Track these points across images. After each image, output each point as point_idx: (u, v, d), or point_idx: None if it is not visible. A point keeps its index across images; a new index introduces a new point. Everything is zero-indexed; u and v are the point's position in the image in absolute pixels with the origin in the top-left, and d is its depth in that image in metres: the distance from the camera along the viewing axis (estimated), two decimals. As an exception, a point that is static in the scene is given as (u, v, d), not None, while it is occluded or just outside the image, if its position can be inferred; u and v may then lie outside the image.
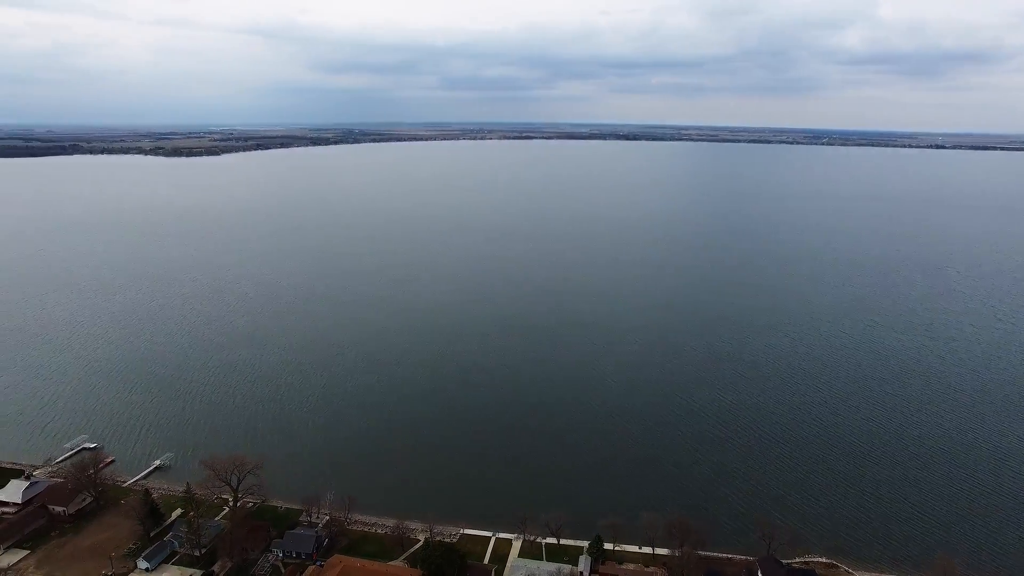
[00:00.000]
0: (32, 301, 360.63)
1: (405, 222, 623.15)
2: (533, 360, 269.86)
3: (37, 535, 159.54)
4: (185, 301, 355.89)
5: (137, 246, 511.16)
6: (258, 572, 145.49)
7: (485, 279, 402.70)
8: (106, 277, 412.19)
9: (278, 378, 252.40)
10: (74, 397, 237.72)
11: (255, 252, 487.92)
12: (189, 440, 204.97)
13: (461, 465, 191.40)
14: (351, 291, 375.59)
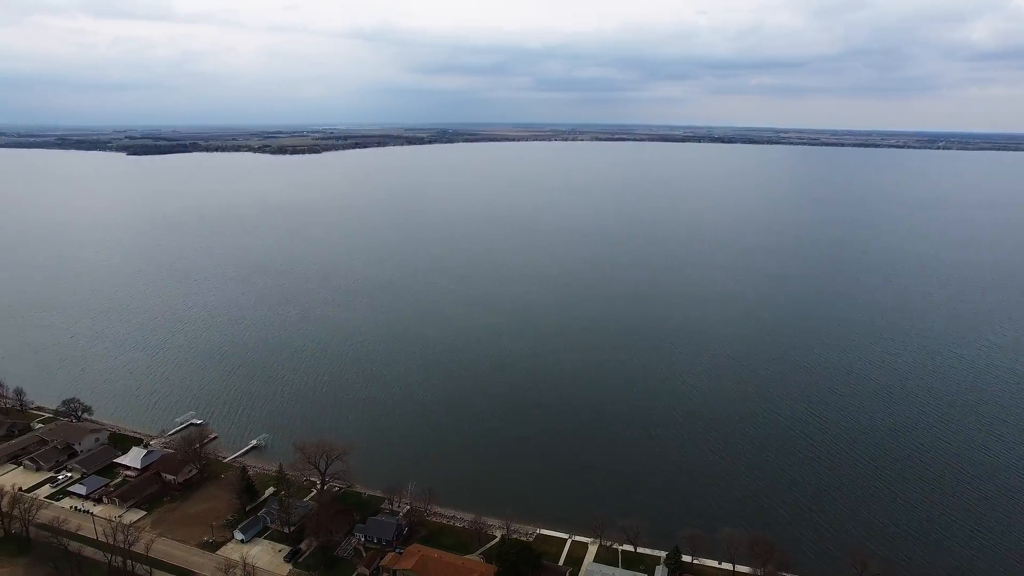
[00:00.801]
0: (152, 288, 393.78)
1: (498, 222, 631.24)
2: (617, 363, 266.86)
3: (152, 499, 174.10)
4: (285, 292, 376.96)
5: (243, 238, 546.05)
6: (341, 553, 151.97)
7: (574, 281, 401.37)
8: (215, 267, 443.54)
9: (367, 369, 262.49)
10: (184, 376, 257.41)
11: (351, 247, 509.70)
12: (283, 423, 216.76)
13: (540, 465, 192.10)
14: (442, 289, 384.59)
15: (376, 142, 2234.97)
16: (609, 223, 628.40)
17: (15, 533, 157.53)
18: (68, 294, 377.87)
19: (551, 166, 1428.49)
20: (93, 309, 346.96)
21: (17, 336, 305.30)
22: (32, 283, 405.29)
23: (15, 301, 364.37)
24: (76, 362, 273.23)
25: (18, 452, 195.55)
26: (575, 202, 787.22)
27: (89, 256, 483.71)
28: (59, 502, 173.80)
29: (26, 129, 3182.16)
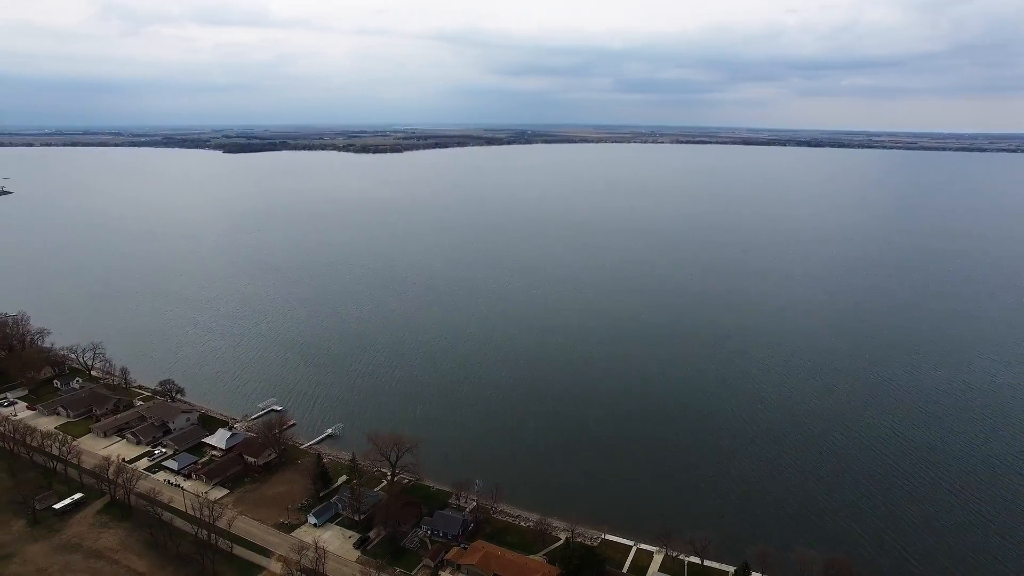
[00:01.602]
0: (241, 279, 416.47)
1: (576, 224, 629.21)
2: (691, 372, 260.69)
3: (235, 478, 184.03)
4: (364, 286, 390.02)
5: (326, 233, 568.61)
6: (408, 544, 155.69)
7: (652, 286, 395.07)
8: (300, 261, 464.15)
9: (440, 365, 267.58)
10: (267, 364, 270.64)
11: (429, 244, 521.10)
12: (358, 414, 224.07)
13: (608, 469, 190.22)
14: (517, 288, 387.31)
15: (456, 142, 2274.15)
16: (688, 228, 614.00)
17: (119, 499, 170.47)
18: (168, 282, 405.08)
19: (630, 169, 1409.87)
20: (188, 297, 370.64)
21: (124, 320, 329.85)
22: (138, 271, 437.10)
23: (124, 287, 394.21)
24: (172, 346, 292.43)
25: (122, 426, 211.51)
26: (653, 205, 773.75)
27: (186, 247, 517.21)
28: (155, 475, 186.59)
29: (138, 129, 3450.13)
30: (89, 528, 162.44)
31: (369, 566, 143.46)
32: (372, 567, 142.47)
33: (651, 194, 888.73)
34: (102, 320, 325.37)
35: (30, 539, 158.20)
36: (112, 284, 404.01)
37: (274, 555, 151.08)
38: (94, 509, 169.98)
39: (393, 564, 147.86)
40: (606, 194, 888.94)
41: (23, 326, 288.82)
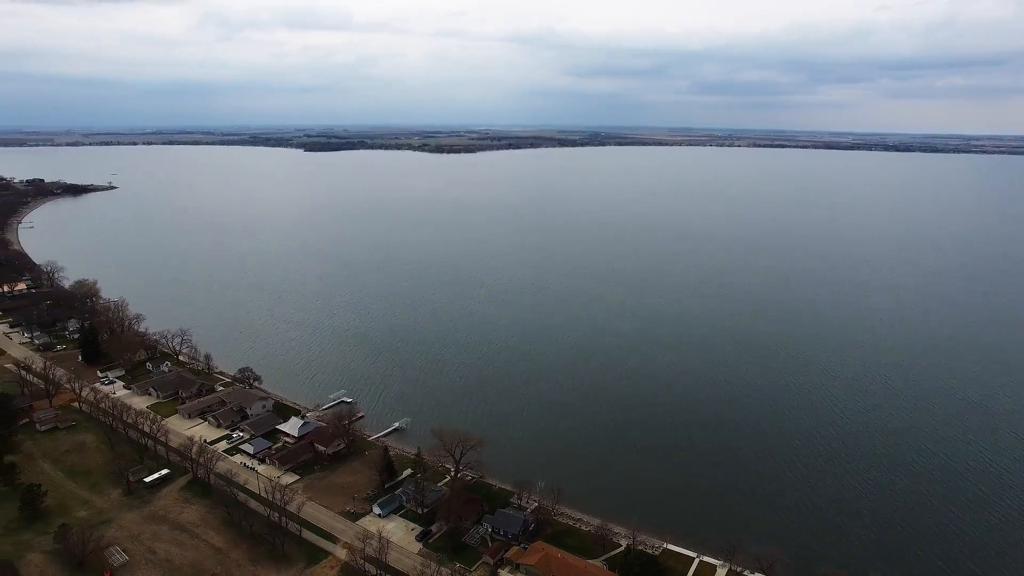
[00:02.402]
0: (318, 272, 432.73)
1: (649, 227, 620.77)
2: (763, 381, 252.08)
3: (306, 465, 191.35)
4: (435, 284, 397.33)
5: (400, 231, 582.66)
6: (468, 540, 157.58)
7: (723, 292, 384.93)
8: (373, 258, 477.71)
9: (507, 364, 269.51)
10: (339, 357, 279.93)
11: (499, 244, 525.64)
12: (424, 409, 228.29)
13: (673, 477, 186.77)
14: (586, 291, 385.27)
15: (529, 143, 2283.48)
16: (762, 233, 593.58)
17: (200, 478, 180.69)
18: (249, 274, 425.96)
19: (706, 172, 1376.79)
20: (268, 289, 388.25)
21: (210, 308, 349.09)
22: (223, 262, 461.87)
23: (210, 277, 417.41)
24: (251, 335, 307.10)
25: (204, 409, 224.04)
26: (727, 211, 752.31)
27: (267, 241, 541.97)
28: (232, 457, 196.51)
29: (228, 129, 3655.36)
30: (174, 502, 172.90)
31: (430, 559, 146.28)
32: (433, 560, 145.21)
33: (727, 199, 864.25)
34: (190, 308, 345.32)
35: (125, 507, 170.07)
36: (200, 274, 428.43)
37: (340, 541, 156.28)
38: (178, 485, 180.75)
39: (453, 559, 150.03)
40: (680, 198, 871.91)
41: (123, 311, 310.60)
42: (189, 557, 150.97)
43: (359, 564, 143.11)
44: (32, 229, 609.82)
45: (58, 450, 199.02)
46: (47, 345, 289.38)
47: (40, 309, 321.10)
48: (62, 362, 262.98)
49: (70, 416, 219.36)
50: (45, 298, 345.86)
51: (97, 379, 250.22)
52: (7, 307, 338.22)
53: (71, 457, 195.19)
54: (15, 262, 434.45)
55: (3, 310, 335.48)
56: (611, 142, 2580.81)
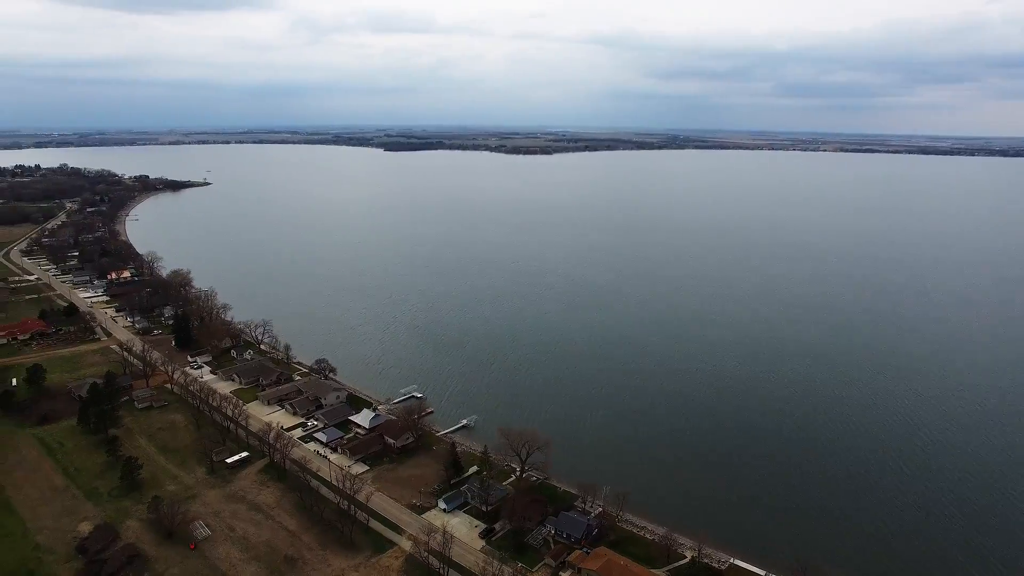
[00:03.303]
0: (394, 269, 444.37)
1: (725, 232, 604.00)
2: (850, 397, 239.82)
3: (375, 457, 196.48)
4: (507, 284, 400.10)
5: (475, 230, 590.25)
6: (531, 541, 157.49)
7: (802, 301, 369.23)
8: (447, 256, 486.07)
9: (576, 366, 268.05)
10: (411, 352, 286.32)
11: (573, 246, 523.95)
12: (492, 407, 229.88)
13: (743, 490, 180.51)
14: (660, 296, 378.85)
15: (605, 146, 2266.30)
16: (843, 240, 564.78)
17: (276, 462, 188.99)
18: (327, 268, 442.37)
19: (786, 177, 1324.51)
20: (345, 284, 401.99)
21: (290, 301, 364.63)
22: (303, 256, 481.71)
23: (291, 270, 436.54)
24: (328, 328, 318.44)
25: (282, 397, 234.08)
26: (808, 216, 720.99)
27: (344, 237, 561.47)
28: (307, 444, 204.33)
29: (313, 128, 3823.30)
30: (252, 484, 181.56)
31: (492, 557, 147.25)
32: (495, 558, 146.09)
33: (809, 204, 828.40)
34: (272, 299, 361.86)
35: (208, 485, 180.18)
36: (283, 267, 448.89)
37: (405, 533, 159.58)
38: (256, 468, 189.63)
39: (516, 558, 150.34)
40: (761, 203, 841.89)
41: (212, 300, 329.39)
42: (264, 537, 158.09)
43: (423, 557, 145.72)
44: (137, 222, 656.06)
45: (152, 427, 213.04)
46: (146, 329, 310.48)
47: (141, 296, 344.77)
48: (158, 346, 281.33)
49: (163, 396, 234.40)
50: (145, 286, 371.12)
51: (187, 363, 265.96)
52: (114, 293, 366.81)
53: (163, 434, 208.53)
54: (122, 252, 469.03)
55: (111, 296, 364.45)
56: (690, 145, 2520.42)
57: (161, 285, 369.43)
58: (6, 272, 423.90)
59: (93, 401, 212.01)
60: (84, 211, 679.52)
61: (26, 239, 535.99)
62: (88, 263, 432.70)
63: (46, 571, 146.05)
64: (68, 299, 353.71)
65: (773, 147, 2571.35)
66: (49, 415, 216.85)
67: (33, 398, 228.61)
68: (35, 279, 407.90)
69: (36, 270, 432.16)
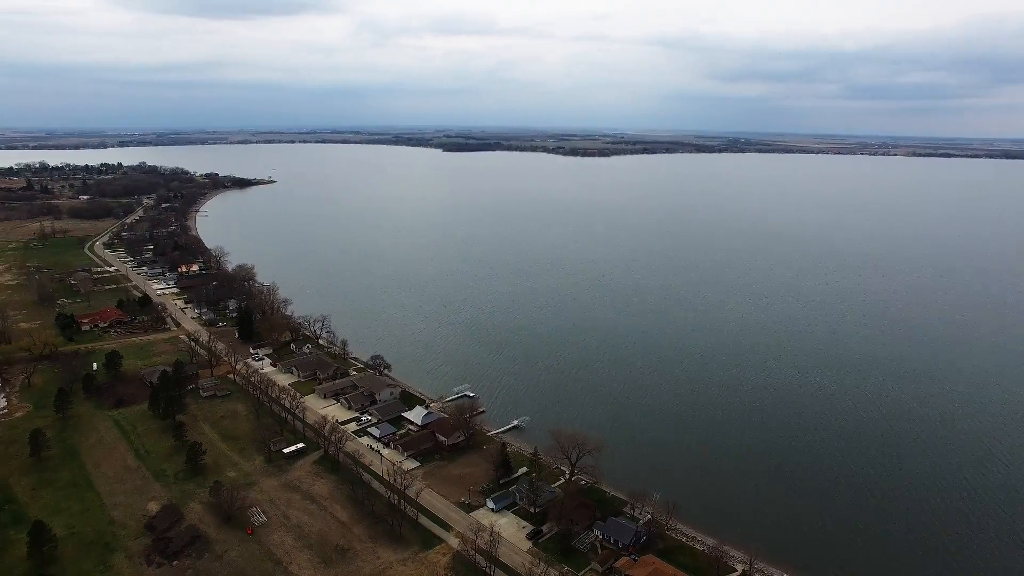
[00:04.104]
0: (449, 268, 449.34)
1: (788, 239, 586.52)
2: (920, 412, 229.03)
3: (427, 454, 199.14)
4: (564, 287, 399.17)
5: (530, 231, 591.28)
6: (578, 545, 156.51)
7: (869, 310, 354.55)
8: (502, 256, 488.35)
9: (629, 371, 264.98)
10: (464, 351, 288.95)
11: (628, 249, 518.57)
12: (543, 409, 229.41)
13: (799, 505, 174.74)
14: (716, 303, 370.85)
15: (664, 148, 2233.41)
16: (915, 250, 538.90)
17: (331, 454, 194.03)
18: (384, 266, 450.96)
19: (854, 182, 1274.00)
20: (401, 281, 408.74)
21: (348, 297, 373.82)
22: (361, 253, 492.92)
23: (350, 267, 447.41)
24: (383, 324, 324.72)
25: (338, 391, 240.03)
26: (875, 223, 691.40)
27: (402, 235, 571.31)
28: (360, 439, 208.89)
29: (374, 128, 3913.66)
30: (307, 474, 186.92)
31: (539, 559, 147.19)
32: (542, 560, 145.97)
33: (877, 211, 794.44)
34: (331, 295, 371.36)
35: (266, 473, 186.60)
36: (341, 264, 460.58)
37: (453, 530, 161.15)
38: (311, 459, 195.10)
39: (562, 561, 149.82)
40: (824, 208, 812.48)
41: (273, 295, 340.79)
42: (317, 526, 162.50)
43: (470, 555, 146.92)
44: (206, 217, 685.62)
45: (215, 415, 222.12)
46: (212, 321, 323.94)
47: (208, 289, 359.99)
48: (222, 337, 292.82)
49: (226, 386, 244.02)
50: (212, 279, 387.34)
51: (249, 355, 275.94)
52: (183, 285, 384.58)
53: (225, 422, 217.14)
54: (192, 246, 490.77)
55: (180, 288, 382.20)
56: (751, 149, 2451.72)
57: (227, 279, 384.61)
58: (90, 263, 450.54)
59: (163, 388, 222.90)
60: (159, 207, 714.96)
61: (108, 232, 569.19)
62: (161, 256, 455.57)
63: (119, 545, 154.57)
64: (143, 290, 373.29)
65: (839, 151, 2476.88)
66: (124, 399, 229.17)
67: (110, 382, 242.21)
68: (114, 270, 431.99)
69: (116, 262, 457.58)
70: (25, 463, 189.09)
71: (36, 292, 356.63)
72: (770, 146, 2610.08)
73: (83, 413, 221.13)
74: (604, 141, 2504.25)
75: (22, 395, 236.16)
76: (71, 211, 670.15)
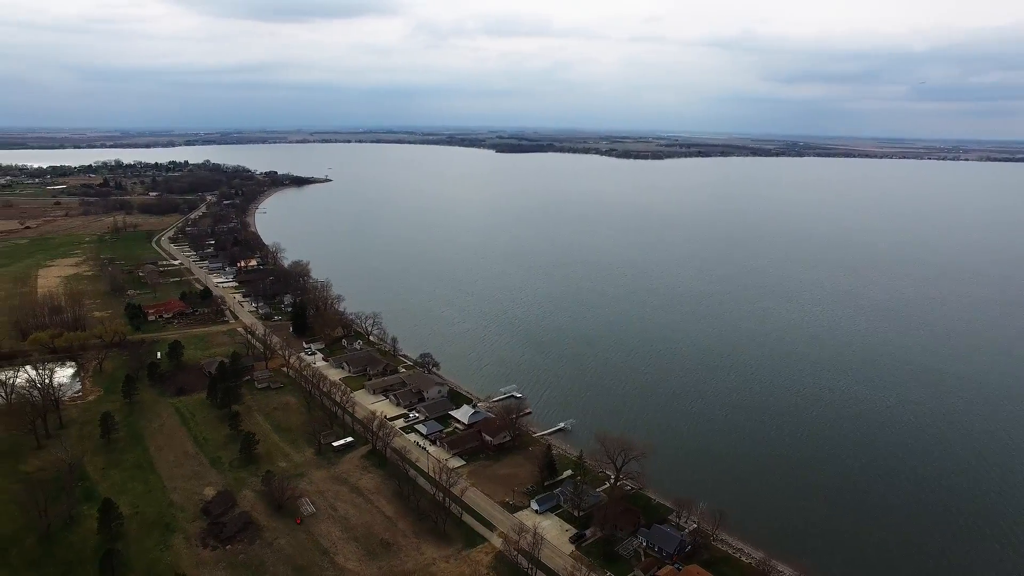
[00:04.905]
0: (497, 269, 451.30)
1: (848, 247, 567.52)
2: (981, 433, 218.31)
3: (472, 453, 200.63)
4: (610, 289, 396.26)
5: (580, 233, 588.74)
6: (621, 551, 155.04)
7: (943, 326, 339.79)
8: (551, 258, 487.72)
9: (678, 375, 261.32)
10: (512, 352, 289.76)
11: (676, 252, 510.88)
12: (590, 413, 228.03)
13: (852, 519, 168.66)
14: (767, 311, 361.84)
15: (719, 151, 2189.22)
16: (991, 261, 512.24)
17: (378, 449, 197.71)
18: (436, 265, 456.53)
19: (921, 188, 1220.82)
20: (452, 281, 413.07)
21: (399, 295, 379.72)
22: (412, 252, 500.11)
23: (401, 266, 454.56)
24: (433, 323, 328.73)
25: (387, 387, 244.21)
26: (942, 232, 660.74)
27: (453, 234, 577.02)
28: (408, 435, 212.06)
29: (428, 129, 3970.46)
30: (355, 468, 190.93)
31: (581, 563, 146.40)
32: (584, 564, 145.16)
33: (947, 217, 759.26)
34: (382, 293, 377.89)
35: (315, 465, 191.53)
36: (393, 262, 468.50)
37: (496, 530, 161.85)
38: (359, 453, 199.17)
39: (605, 567, 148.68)
40: (892, 217, 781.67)
41: (327, 291, 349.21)
42: (363, 520, 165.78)
43: (512, 555, 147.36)
44: (265, 214, 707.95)
45: (269, 406, 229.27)
46: (267, 315, 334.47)
47: (265, 284, 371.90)
48: (277, 331, 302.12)
49: (280, 379, 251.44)
50: (269, 275, 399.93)
51: (302, 349, 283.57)
52: (242, 280, 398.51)
53: (278, 414, 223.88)
54: (251, 242, 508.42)
55: (239, 282, 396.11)
56: (809, 153, 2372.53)
57: (283, 274, 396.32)
58: (157, 257, 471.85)
59: (220, 378, 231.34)
60: (221, 203, 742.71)
61: (173, 228, 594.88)
62: (222, 251, 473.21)
63: (178, 526, 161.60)
64: (204, 283, 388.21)
65: (904, 155, 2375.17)
66: (184, 387, 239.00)
67: (173, 371, 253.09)
68: (178, 264, 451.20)
69: (180, 256, 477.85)
70: (97, 444, 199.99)
71: (108, 283, 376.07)
72: (829, 150, 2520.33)
73: (147, 399, 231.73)
74: (657, 144, 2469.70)
75: (95, 379, 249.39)
76: (141, 207, 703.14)
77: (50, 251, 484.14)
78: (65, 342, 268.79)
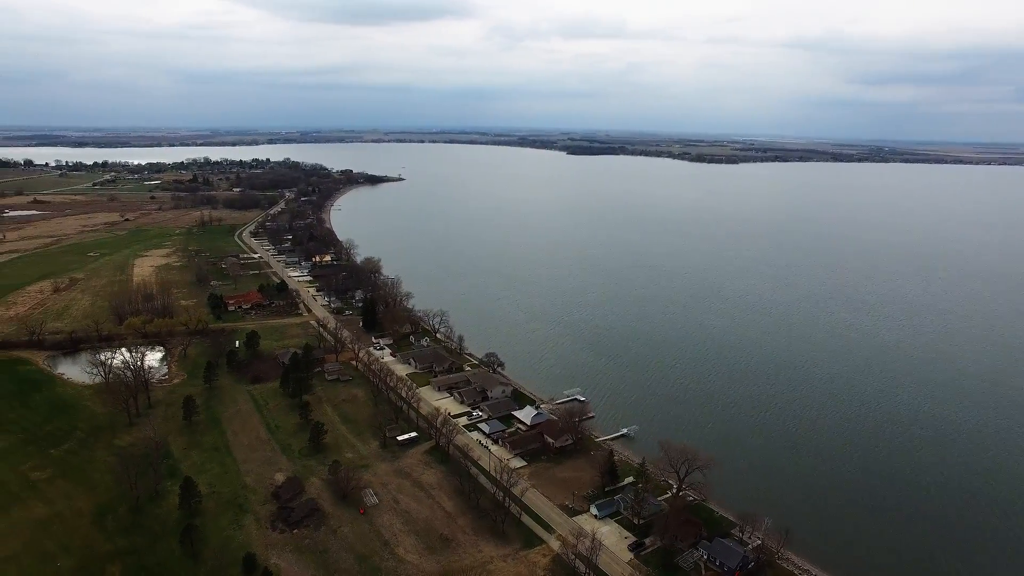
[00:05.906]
0: (567, 271, 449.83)
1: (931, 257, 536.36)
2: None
3: (534, 454, 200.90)
4: (679, 295, 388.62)
5: (650, 236, 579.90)
6: (681, 562, 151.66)
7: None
8: (621, 261, 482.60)
9: (746, 385, 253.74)
10: (577, 355, 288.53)
11: (750, 260, 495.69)
12: (654, 419, 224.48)
13: (931, 548, 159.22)
14: (849, 323, 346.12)
15: (798, 156, 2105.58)
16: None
17: (441, 446, 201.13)
18: (505, 265, 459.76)
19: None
20: (520, 282, 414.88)
21: (467, 294, 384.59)
22: (481, 252, 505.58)
23: (469, 264, 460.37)
24: (500, 323, 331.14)
25: (452, 385, 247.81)
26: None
27: (521, 235, 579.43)
28: (470, 433, 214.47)
29: (500, 130, 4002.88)
30: (417, 463, 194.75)
31: (639, 571, 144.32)
32: (642, 573, 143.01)
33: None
34: (450, 292, 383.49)
35: (380, 458, 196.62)
36: (462, 261, 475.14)
37: (555, 533, 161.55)
38: (422, 448, 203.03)
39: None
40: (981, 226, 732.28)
41: (396, 288, 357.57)
42: (424, 514, 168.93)
43: (570, 559, 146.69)
44: (340, 211, 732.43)
45: (337, 398, 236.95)
46: (339, 310, 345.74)
47: (338, 279, 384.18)
48: (348, 325, 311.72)
49: (349, 372, 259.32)
50: (342, 270, 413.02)
51: (371, 344, 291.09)
52: (316, 274, 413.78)
53: (346, 406, 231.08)
54: (326, 238, 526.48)
55: (313, 276, 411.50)
56: (896, 159, 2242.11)
57: (355, 270, 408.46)
58: (238, 250, 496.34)
59: (293, 368, 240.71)
60: (299, 200, 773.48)
61: (254, 222, 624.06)
62: (298, 246, 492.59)
63: (250, 508, 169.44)
64: (280, 276, 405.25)
65: (1005, 161, 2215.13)
66: (259, 376, 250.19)
67: (249, 360, 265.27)
68: (258, 257, 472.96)
69: (259, 249, 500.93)
70: (179, 425, 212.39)
71: (195, 274, 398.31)
72: (917, 155, 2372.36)
73: (225, 385, 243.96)
74: (732, 147, 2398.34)
75: (180, 364, 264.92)
76: (225, 202, 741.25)
77: (145, 242, 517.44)
78: (155, 328, 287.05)
